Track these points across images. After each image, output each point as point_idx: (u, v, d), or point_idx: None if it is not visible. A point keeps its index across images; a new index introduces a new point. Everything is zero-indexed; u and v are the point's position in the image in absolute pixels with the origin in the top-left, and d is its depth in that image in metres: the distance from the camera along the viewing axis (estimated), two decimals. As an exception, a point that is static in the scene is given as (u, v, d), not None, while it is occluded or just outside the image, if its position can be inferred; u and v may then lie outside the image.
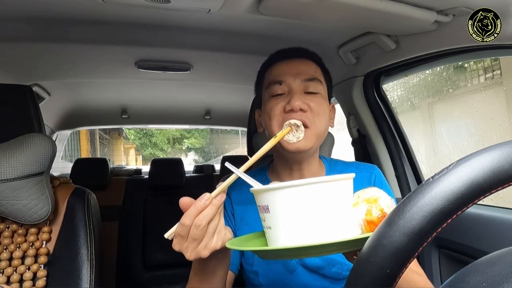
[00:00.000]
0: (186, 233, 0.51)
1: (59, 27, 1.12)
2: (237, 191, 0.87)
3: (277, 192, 0.46)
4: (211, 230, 0.51)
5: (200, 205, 0.50)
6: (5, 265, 0.86)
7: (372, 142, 1.43)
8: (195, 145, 14.95)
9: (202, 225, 0.50)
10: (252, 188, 0.51)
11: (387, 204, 0.48)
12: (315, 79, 0.80)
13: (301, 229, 0.46)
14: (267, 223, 0.49)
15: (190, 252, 0.52)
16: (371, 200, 0.48)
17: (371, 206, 0.47)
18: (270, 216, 0.48)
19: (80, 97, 2.13)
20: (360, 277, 0.31)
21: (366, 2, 0.83)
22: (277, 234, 0.48)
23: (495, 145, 0.32)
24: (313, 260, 0.78)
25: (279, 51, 0.87)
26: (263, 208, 0.49)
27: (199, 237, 0.50)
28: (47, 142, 0.87)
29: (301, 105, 0.74)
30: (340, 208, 0.47)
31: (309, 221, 0.46)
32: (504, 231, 0.96)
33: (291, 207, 0.46)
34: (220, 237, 0.53)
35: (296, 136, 0.59)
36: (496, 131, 1.81)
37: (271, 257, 0.53)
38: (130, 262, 2.18)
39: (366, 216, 0.47)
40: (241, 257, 0.83)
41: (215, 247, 0.52)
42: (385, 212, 0.47)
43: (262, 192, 0.48)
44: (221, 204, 0.53)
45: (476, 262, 0.32)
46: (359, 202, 0.48)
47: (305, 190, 0.46)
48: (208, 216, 0.50)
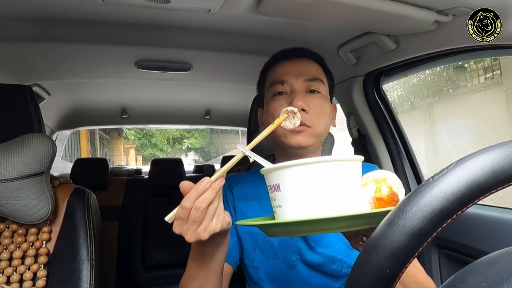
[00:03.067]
0: (187, 216, 0.52)
1: (59, 27, 1.12)
2: (240, 187, 0.88)
3: (289, 169, 0.48)
4: (211, 212, 0.53)
5: (200, 188, 0.52)
6: (5, 265, 0.86)
7: (372, 142, 1.43)
8: (195, 145, 14.96)
9: (202, 207, 0.51)
10: (263, 168, 0.51)
11: (395, 183, 0.49)
12: (317, 79, 0.81)
13: (310, 205, 0.47)
14: (277, 202, 0.50)
15: (190, 235, 0.53)
16: (380, 179, 0.50)
17: (380, 184, 0.49)
18: (280, 195, 0.49)
19: (80, 97, 2.13)
20: (360, 277, 0.31)
21: (366, 2, 0.83)
22: (287, 210, 0.49)
23: (495, 145, 0.32)
24: (313, 256, 0.79)
25: (281, 51, 0.88)
26: (274, 187, 0.50)
27: (199, 219, 0.52)
28: (47, 142, 0.87)
29: (303, 105, 0.76)
30: (349, 186, 0.48)
31: (319, 198, 0.47)
32: (504, 231, 0.96)
33: (301, 184, 0.47)
34: (219, 220, 0.54)
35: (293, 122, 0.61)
36: (496, 131, 1.81)
37: (280, 233, 0.53)
38: (130, 262, 2.18)
39: (376, 194, 0.48)
40: (241, 252, 0.84)
41: (215, 229, 0.53)
42: (393, 190, 0.49)
43: (273, 171, 0.49)
44: (220, 187, 0.54)
45: (476, 262, 0.32)
46: (368, 182, 0.50)
47: (316, 168, 0.47)
48: (208, 199, 0.52)
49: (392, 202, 0.48)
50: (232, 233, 0.83)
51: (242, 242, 0.84)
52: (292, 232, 0.52)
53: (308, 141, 0.77)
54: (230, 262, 0.80)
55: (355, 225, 0.48)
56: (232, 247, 0.81)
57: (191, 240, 0.53)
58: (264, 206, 0.83)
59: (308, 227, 0.48)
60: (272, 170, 0.50)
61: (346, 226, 0.49)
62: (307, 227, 0.48)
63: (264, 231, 0.54)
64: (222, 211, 0.55)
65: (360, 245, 0.54)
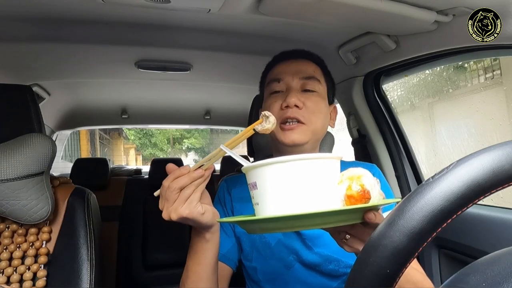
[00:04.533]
0: (164, 193, 0.58)
1: (59, 27, 1.12)
2: (238, 189, 0.89)
3: (264, 168, 0.49)
4: (183, 196, 0.57)
5: (177, 173, 0.57)
6: (5, 265, 0.86)
7: (372, 142, 1.43)
8: (195, 145, 14.96)
9: (174, 188, 0.56)
10: (242, 167, 0.53)
11: (369, 182, 0.49)
12: (312, 78, 0.82)
13: (285, 203, 0.48)
14: (255, 200, 0.51)
15: (164, 211, 0.58)
16: (354, 177, 0.50)
17: (352, 182, 0.49)
18: (257, 192, 0.50)
19: (80, 97, 2.13)
20: (360, 277, 0.31)
21: (366, 2, 0.83)
22: (264, 209, 0.50)
23: (495, 145, 0.32)
24: (310, 256, 0.80)
25: (281, 53, 0.90)
26: (252, 185, 0.51)
27: (170, 199, 0.57)
28: (47, 142, 0.87)
29: (296, 102, 0.77)
30: (324, 184, 0.49)
31: (293, 195, 0.48)
32: (504, 231, 0.96)
33: (276, 182, 0.48)
34: (190, 207, 0.57)
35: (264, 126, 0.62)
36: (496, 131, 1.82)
37: (258, 230, 0.55)
38: (130, 262, 2.18)
39: (347, 191, 0.48)
40: (240, 253, 0.85)
41: (182, 213, 0.57)
42: (365, 188, 0.48)
43: (251, 169, 0.51)
44: (198, 178, 0.57)
45: (476, 262, 0.32)
46: (343, 180, 0.50)
47: (290, 166, 0.48)
48: (180, 183, 0.56)
49: (362, 200, 0.48)
50: (230, 234, 0.84)
51: (240, 243, 0.84)
52: (267, 229, 0.54)
53: (302, 138, 0.77)
54: (229, 263, 0.81)
55: (328, 222, 0.49)
56: (230, 249, 0.82)
57: (164, 216, 0.58)
58: None
59: (281, 224, 0.49)
60: (249, 168, 0.51)
61: (319, 224, 0.49)
62: (280, 224, 0.49)
63: (244, 228, 0.56)
64: (196, 200, 0.58)
65: (344, 243, 0.55)
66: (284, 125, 0.78)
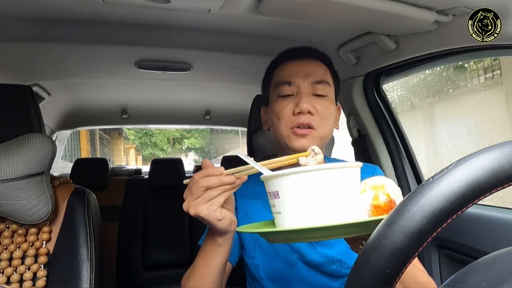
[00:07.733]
0: (191, 186, 0.58)
1: (59, 27, 1.12)
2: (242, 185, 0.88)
3: (287, 177, 0.48)
4: (207, 197, 0.56)
5: (210, 171, 0.57)
6: (5, 265, 0.86)
7: (372, 142, 1.43)
8: (195, 145, 14.96)
9: (201, 185, 0.56)
10: (262, 175, 0.52)
11: (394, 190, 0.49)
12: (324, 82, 0.81)
13: (309, 213, 0.47)
14: (277, 209, 0.50)
15: (185, 202, 0.58)
16: (378, 186, 0.49)
17: (378, 192, 0.49)
18: (279, 202, 0.50)
19: (80, 97, 2.13)
20: (360, 277, 0.31)
21: (366, 2, 0.83)
22: (286, 218, 0.49)
23: (495, 145, 0.32)
24: (313, 256, 0.80)
25: (289, 50, 0.87)
26: (273, 194, 0.50)
27: (195, 193, 0.57)
28: (47, 142, 0.87)
29: (309, 108, 0.76)
30: (347, 193, 0.48)
31: (317, 206, 0.47)
32: (504, 231, 0.96)
33: (300, 192, 0.48)
34: (209, 209, 0.57)
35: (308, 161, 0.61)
36: (496, 131, 1.82)
37: (280, 240, 0.54)
38: (130, 262, 2.18)
39: (373, 201, 0.48)
40: (241, 250, 0.85)
41: (200, 211, 0.56)
42: (391, 198, 0.48)
43: (272, 178, 0.50)
44: (228, 183, 0.56)
45: (476, 262, 0.32)
46: (366, 189, 0.50)
47: (314, 175, 0.47)
48: (209, 182, 0.56)
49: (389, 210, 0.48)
50: None
51: (242, 239, 0.84)
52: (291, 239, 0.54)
53: (311, 144, 0.76)
54: (230, 259, 0.80)
55: (352, 232, 0.49)
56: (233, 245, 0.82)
57: (184, 207, 0.58)
58: (266, 205, 0.84)
59: (306, 234, 0.48)
60: (271, 177, 0.50)
61: (344, 233, 0.49)
62: (305, 235, 0.49)
63: (265, 237, 0.56)
64: (218, 204, 0.57)
65: (360, 249, 0.55)
66: (297, 129, 0.77)
